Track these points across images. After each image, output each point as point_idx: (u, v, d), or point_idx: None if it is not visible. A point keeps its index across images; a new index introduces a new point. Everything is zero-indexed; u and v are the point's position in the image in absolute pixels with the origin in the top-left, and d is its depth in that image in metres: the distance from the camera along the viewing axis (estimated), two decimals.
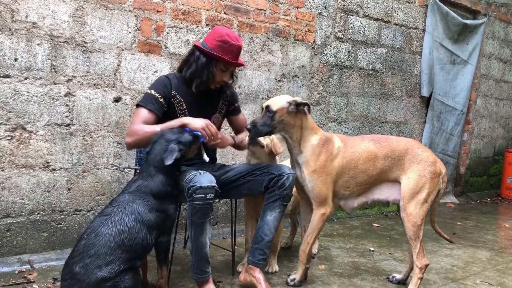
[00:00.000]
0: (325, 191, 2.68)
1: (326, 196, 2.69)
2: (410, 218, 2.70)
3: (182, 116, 2.66)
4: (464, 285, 3.06)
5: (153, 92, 2.62)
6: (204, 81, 2.68)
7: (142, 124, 2.55)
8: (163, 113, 2.65)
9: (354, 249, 3.75)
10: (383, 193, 2.84)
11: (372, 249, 3.77)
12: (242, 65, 2.79)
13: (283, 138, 2.75)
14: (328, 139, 2.74)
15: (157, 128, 2.51)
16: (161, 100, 2.62)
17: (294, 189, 2.83)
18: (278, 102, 2.63)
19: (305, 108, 2.65)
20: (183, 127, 2.49)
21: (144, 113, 2.57)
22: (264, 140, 2.94)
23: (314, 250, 3.50)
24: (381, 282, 3.03)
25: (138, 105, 2.62)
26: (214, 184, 2.40)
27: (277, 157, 3.07)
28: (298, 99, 2.65)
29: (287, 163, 3.09)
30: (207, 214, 2.42)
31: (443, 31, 5.64)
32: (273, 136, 2.99)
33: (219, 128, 2.93)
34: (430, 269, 3.33)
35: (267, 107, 2.63)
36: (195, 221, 2.41)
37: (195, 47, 2.71)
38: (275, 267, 3.10)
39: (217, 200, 3.50)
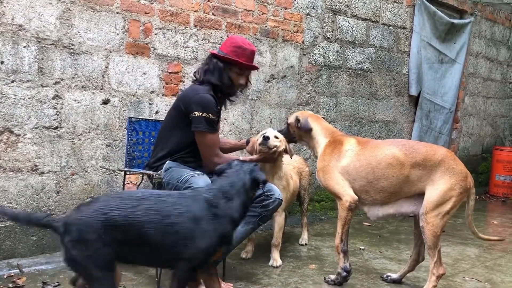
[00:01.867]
0: (334, 185, 2.81)
1: (336, 190, 2.81)
2: (431, 228, 2.65)
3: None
4: (453, 282, 3.09)
5: (210, 116, 2.69)
6: (229, 85, 2.81)
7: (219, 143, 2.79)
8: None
9: None
10: (411, 206, 2.77)
11: (362, 248, 3.79)
12: (256, 68, 2.96)
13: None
14: (337, 141, 2.89)
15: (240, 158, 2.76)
16: (216, 120, 2.78)
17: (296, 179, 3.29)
18: (291, 117, 3.14)
19: (299, 124, 3.02)
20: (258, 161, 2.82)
21: (216, 137, 2.79)
22: (277, 143, 2.98)
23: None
24: (371, 281, 3.05)
25: (206, 132, 2.69)
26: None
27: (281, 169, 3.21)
28: (301, 116, 3.05)
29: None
30: None
31: (431, 30, 5.69)
32: (281, 136, 3.11)
33: None
34: (420, 267, 3.35)
35: (286, 120, 3.19)
36: None
37: (212, 55, 2.84)
38: (279, 261, 3.21)
39: None
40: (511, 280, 3.22)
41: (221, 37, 3.86)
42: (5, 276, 2.77)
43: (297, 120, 3.03)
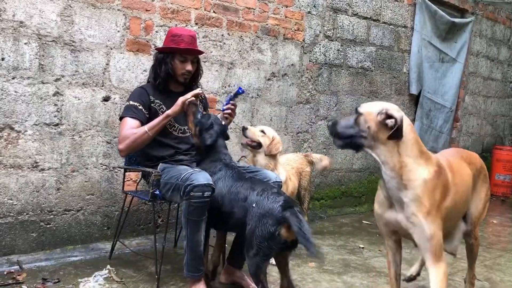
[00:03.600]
0: (441, 239, 2.03)
1: (442, 245, 2.06)
2: (478, 243, 2.46)
3: None
4: (453, 281, 3.10)
5: (131, 102, 2.79)
6: (165, 77, 2.83)
7: (130, 129, 2.69)
8: (146, 119, 2.77)
9: (344, 246, 3.77)
10: (463, 224, 2.46)
11: (362, 246, 3.80)
12: (199, 52, 2.92)
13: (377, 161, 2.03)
14: (441, 167, 2.08)
15: (145, 127, 2.67)
16: (140, 107, 2.77)
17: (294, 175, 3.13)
18: (369, 105, 2.02)
19: (392, 123, 1.90)
20: (167, 118, 2.70)
21: (128, 121, 2.73)
22: (262, 138, 3.00)
23: None
24: (371, 279, 3.05)
25: (121, 117, 2.79)
26: (211, 182, 2.42)
27: (278, 157, 3.11)
28: (393, 110, 1.95)
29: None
30: (204, 212, 2.43)
31: (432, 29, 5.69)
32: (273, 133, 3.06)
33: None
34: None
35: (356, 108, 2.05)
36: (192, 219, 2.42)
37: (156, 51, 2.94)
38: None
39: None
40: (510, 279, 3.23)
41: (222, 35, 3.86)
42: (5, 273, 2.77)
43: (388, 115, 1.92)
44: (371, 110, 1.95)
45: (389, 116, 1.91)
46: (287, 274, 2.42)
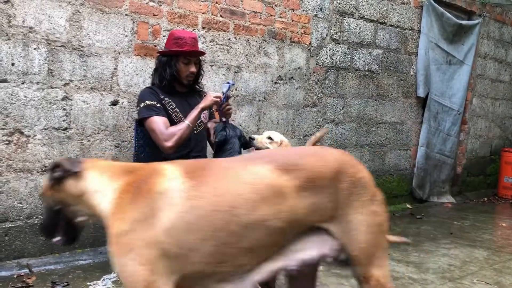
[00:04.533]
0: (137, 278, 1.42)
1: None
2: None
3: (175, 116, 2.81)
4: (462, 285, 3.08)
5: (147, 102, 2.78)
6: (170, 79, 2.85)
7: (166, 127, 2.71)
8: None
9: None
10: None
11: None
12: (202, 53, 2.99)
13: None
14: (143, 178, 1.54)
15: (186, 121, 2.73)
16: (158, 105, 2.78)
17: None
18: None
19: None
20: (201, 112, 2.78)
21: (158, 119, 2.73)
22: (271, 145, 3.01)
23: None
24: None
25: (146, 118, 2.73)
26: None
27: None
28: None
29: None
30: None
31: (439, 31, 5.67)
32: (280, 136, 3.10)
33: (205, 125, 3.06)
34: (428, 269, 3.35)
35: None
36: None
37: (158, 54, 2.96)
38: None
39: None
40: None
41: (229, 39, 3.88)
42: (15, 276, 2.80)
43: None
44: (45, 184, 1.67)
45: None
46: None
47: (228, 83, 2.94)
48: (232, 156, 2.68)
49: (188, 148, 2.87)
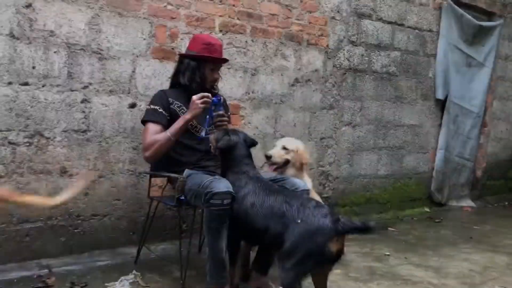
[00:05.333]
0: None
1: None
2: None
3: None
4: None
5: (151, 106, 2.87)
6: (200, 83, 2.89)
7: (154, 134, 2.77)
8: (167, 121, 2.83)
9: (370, 253, 3.72)
10: None
11: (387, 253, 3.74)
12: (227, 60, 3.05)
13: None
14: None
15: (167, 133, 2.74)
16: (160, 110, 2.83)
17: None
18: None
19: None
20: (187, 123, 2.75)
21: (151, 126, 2.81)
22: (287, 155, 2.99)
23: None
24: (397, 287, 3.00)
25: (143, 122, 2.87)
26: (231, 190, 2.42)
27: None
28: None
29: None
30: (224, 219, 2.42)
31: (458, 33, 5.59)
32: (296, 143, 3.07)
33: None
34: (448, 274, 3.29)
35: None
36: (212, 226, 2.43)
37: (181, 56, 2.99)
38: None
39: None
40: None
41: (246, 41, 3.88)
42: (35, 276, 2.83)
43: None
44: None
45: None
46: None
47: (215, 98, 2.78)
48: (245, 163, 2.61)
49: (198, 153, 2.89)
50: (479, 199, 6.36)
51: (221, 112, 2.82)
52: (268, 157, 2.97)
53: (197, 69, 2.87)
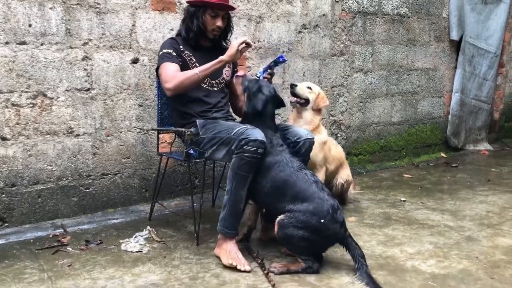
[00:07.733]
0: None
1: None
2: None
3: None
4: (501, 231, 2.96)
5: (164, 50, 2.76)
6: (197, 32, 2.77)
7: (175, 71, 2.66)
8: (180, 67, 2.72)
9: (385, 200, 3.68)
10: None
11: (403, 199, 3.69)
12: (231, 8, 2.81)
13: None
14: None
15: (196, 70, 2.63)
16: (174, 54, 2.73)
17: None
18: None
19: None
20: (222, 64, 2.59)
21: (170, 65, 2.69)
22: (310, 94, 3.13)
23: None
24: (413, 231, 2.96)
25: (159, 66, 2.74)
26: (265, 140, 2.37)
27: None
28: None
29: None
30: (253, 168, 2.39)
31: None
32: (318, 88, 3.20)
33: (227, 83, 2.98)
34: (465, 216, 3.24)
35: None
36: (240, 173, 2.38)
37: (187, 4, 2.84)
38: None
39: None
40: None
41: None
42: (50, 236, 2.86)
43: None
44: None
45: None
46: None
47: (281, 57, 2.70)
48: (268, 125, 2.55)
49: (204, 104, 2.80)
50: (497, 142, 6.23)
51: (274, 71, 2.79)
52: (293, 86, 3.11)
53: (195, 15, 2.74)
